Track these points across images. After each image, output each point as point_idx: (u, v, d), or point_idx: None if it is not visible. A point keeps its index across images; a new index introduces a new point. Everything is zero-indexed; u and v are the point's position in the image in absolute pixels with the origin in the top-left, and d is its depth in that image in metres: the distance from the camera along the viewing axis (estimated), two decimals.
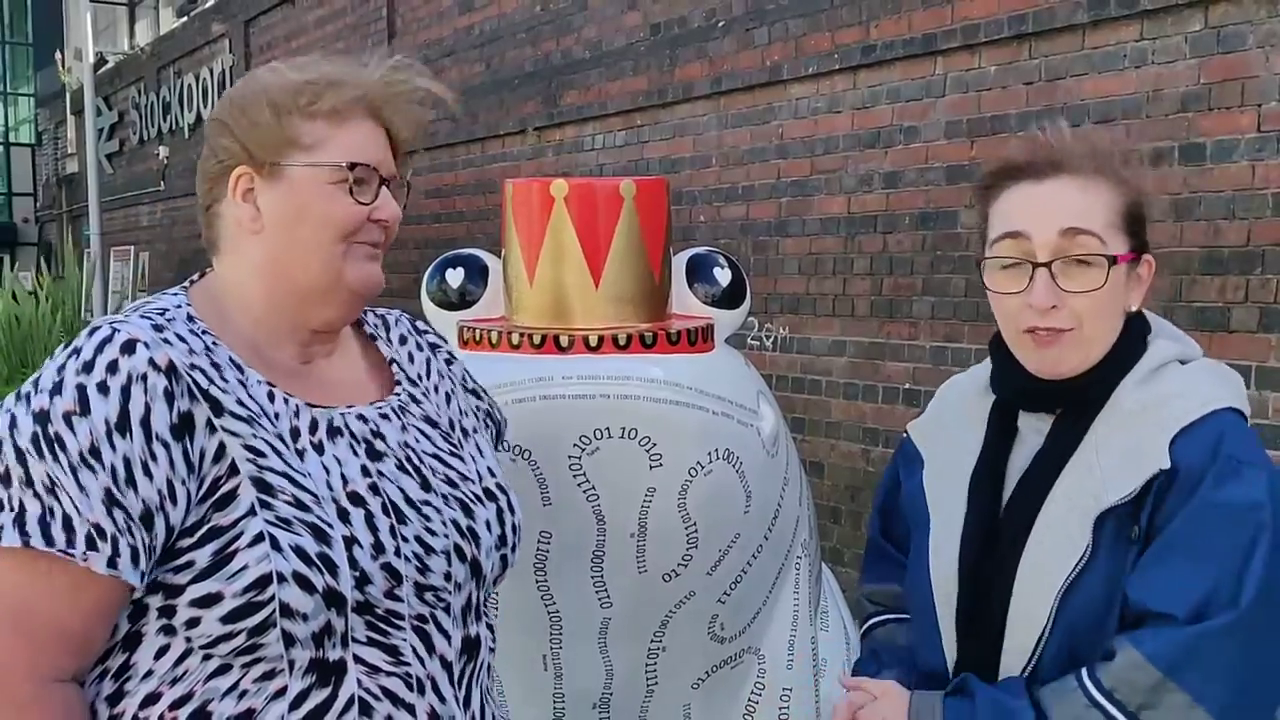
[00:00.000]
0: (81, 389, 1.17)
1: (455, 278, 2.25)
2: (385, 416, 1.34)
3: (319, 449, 1.27)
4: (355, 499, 1.26)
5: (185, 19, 13.93)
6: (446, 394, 1.47)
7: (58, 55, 17.53)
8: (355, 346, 1.45)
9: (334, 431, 1.29)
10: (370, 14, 9.21)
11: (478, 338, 2.11)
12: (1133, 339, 1.43)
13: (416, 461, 1.34)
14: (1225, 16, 3.66)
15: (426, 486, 1.32)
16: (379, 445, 1.31)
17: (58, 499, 1.15)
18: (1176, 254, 3.77)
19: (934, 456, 1.53)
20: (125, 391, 1.17)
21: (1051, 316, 1.38)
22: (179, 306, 1.29)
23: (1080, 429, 1.40)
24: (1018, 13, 4.26)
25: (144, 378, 1.18)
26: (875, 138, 4.91)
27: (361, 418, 1.32)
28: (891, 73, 4.82)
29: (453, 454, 1.39)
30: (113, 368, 1.18)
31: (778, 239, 5.42)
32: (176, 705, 1.19)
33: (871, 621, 1.66)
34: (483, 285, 2.24)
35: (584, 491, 1.99)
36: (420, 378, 1.46)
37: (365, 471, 1.28)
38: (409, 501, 1.30)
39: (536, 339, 2.02)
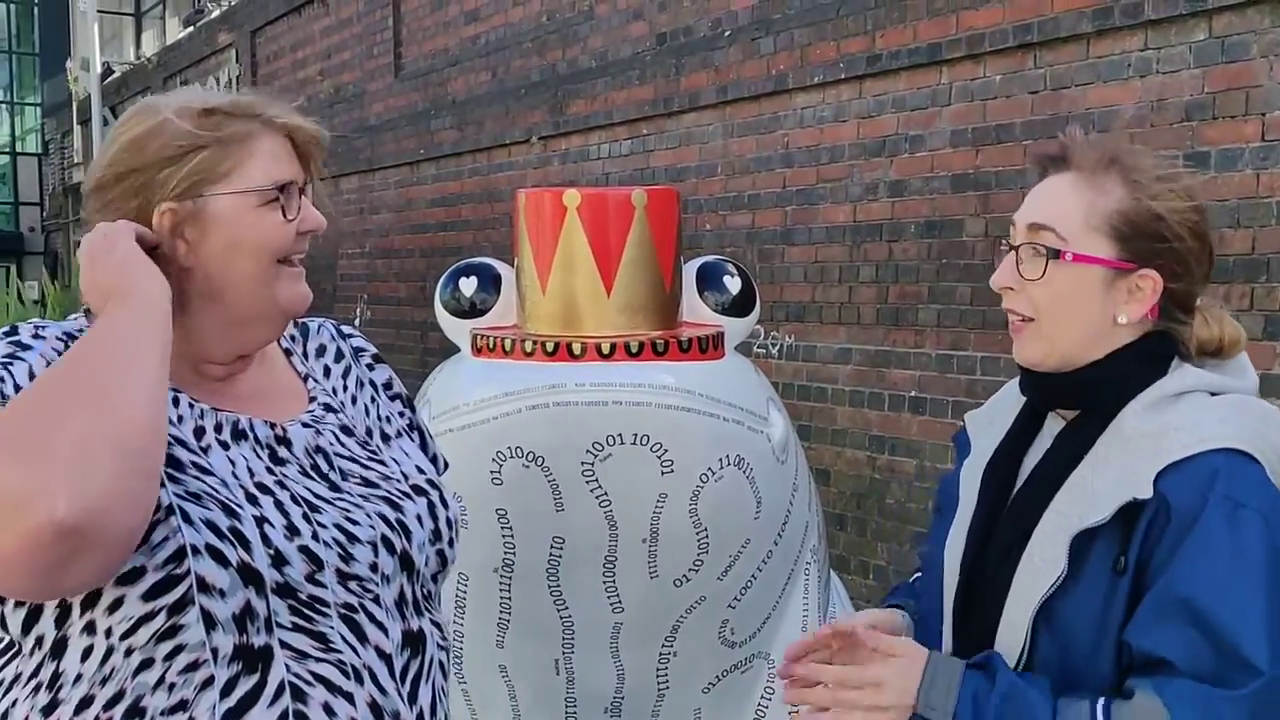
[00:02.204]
0: (15, 341, 1.22)
1: (468, 286, 2.27)
2: (288, 430, 1.34)
3: (224, 446, 1.27)
4: (262, 488, 1.26)
5: (192, 29, 13.99)
6: (365, 404, 1.45)
7: (67, 65, 17.60)
8: (278, 358, 1.44)
9: (238, 434, 1.29)
10: (376, 24, 9.25)
11: (491, 345, 2.13)
12: (1145, 355, 1.39)
13: (325, 467, 1.33)
14: (1229, 26, 3.69)
15: (336, 489, 1.32)
16: (282, 451, 1.31)
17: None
18: None
19: (977, 446, 1.55)
20: (54, 349, 1.22)
21: (1011, 299, 1.42)
22: (82, 330, 1.28)
23: (1084, 443, 1.39)
24: (1022, 22, 4.29)
25: (70, 337, 1.24)
26: (880, 146, 4.93)
27: (268, 423, 1.32)
28: (897, 82, 4.84)
29: (371, 458, 1.38)
30: (35, 335, 1.24)
31: (783, 247, 5.45)
32: (110, 705, 1.19)
33: (915, 577, 1.68)
34: (495, 293, 2.26)
35: (596, 497, 2.01)
36: (335, 390, 1.44)
37: (270, 471, 1.29)
38: (318, 498, 1.29)
39: (549, 346, 2.04)
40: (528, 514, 2.04)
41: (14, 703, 1.22)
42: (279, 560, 1.22)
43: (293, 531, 1.24)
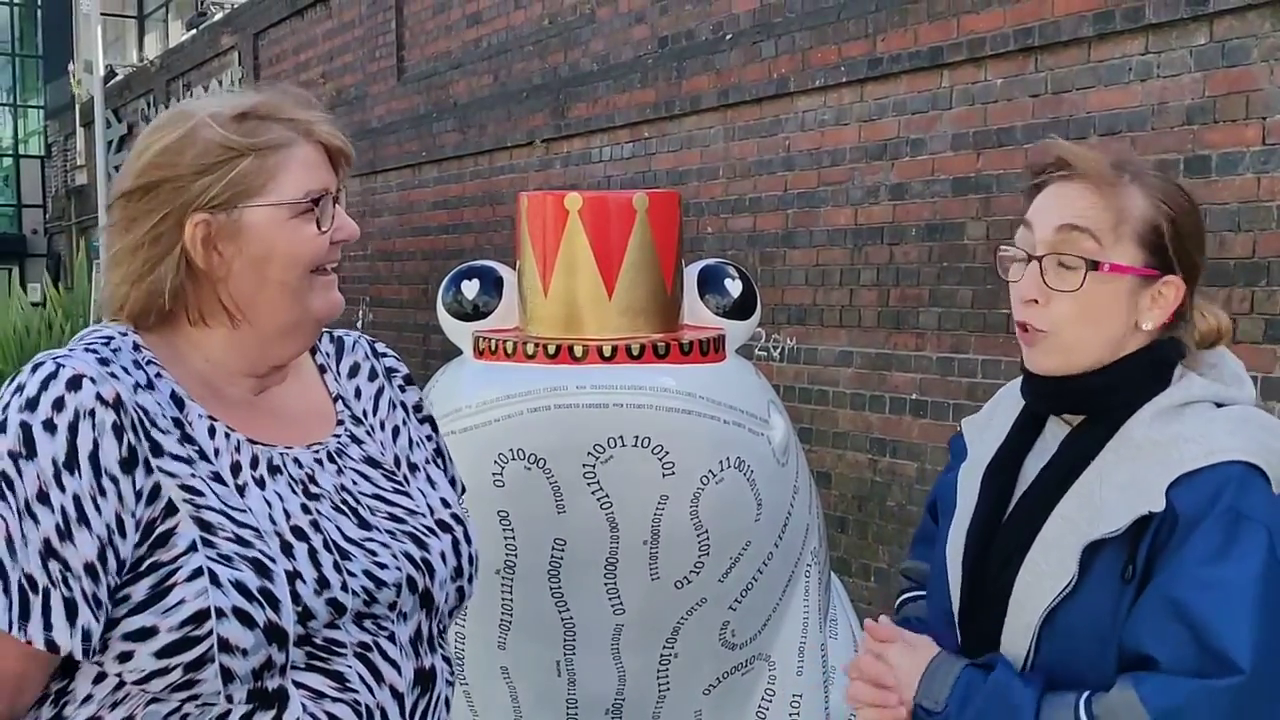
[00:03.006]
0: (26, 427, 1.16)
1: (471, 289, 2.28)
2: (319, 462, 1.33)
3: (260, 484, 1.26)
4: (298, 533, 1.25)
5: (194, 32, 14.01)
6: (395, 428, 1.43)
7: (69, 68, 17.61)
8: (311, 371, 1.43)
9: (274, 469, 1.28)
10: (379, 27, 9.26)
11: (493, 348, 2.14)
12: (1155, 362, 1.40)
13: (353, 503, 1.32)
14: (1230, 30, 3.69)
15: (365, 525, 1.31)
16: (313, 488, 1.30)
17: None
18: None
19: (974, 450, 1.55)
20: (72, 429, 1.16)
21: (1032, 311, 1.39)
22: (124, 334, 1.27)
23: (1091, 450, 1.40)
24: (1023, 26, 4.30)
25: (92, 414, 1.17)
26: (882, 150, 4.94)
27: (298, 461, 1.31)
28: (898, 85, 4.85)
29: (397, 491, 1.37)
30: (59, 405, 1.16)
31: (785, 250, 5.45)
32: None
33: (903, 597, 1.69)
34: (497, 296, 2.27)
35: (597, 499, 2.02)
36: (366, 414, 1.42)
37: (305, 509, 1.27)
38: (348, 539, 1.28)
39: (551, 349, 2.05)
40: (529, 516, 2.05)
41: None
42: (306, 616, 1.21)
43: (323, 584, 1.23)
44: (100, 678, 1.20)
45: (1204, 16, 3.73)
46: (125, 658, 1.17)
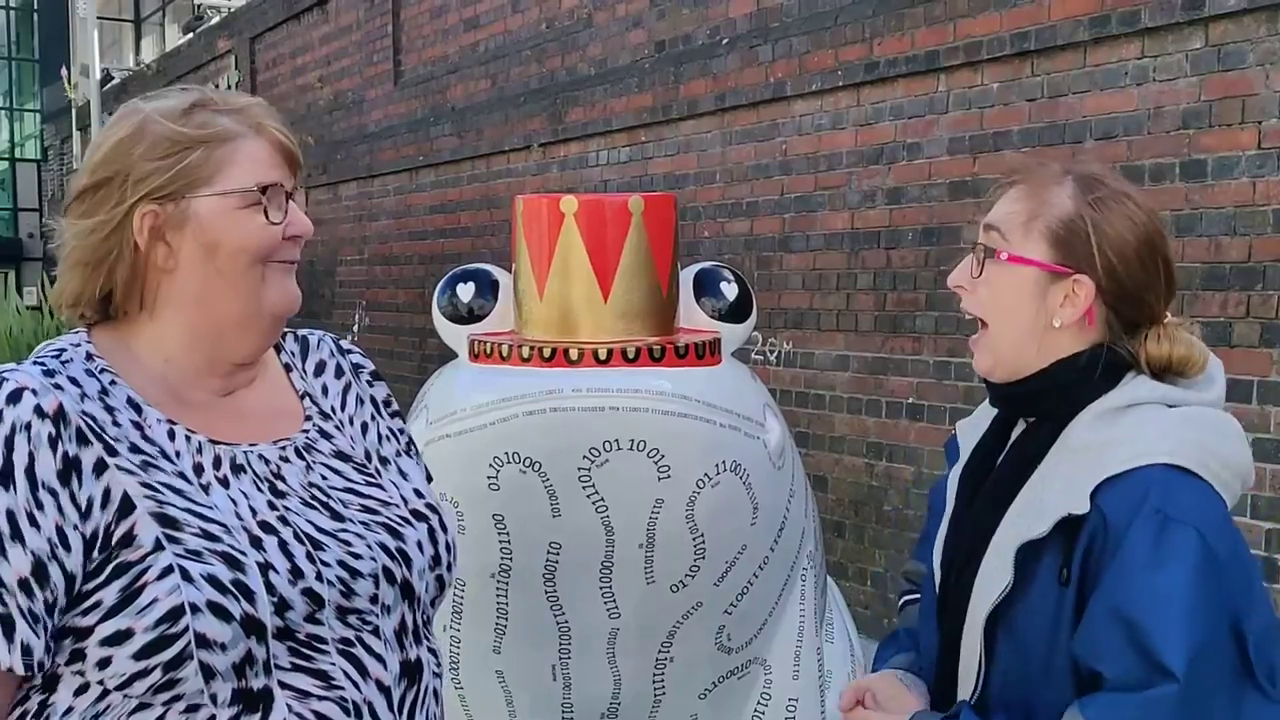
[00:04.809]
0: None
1: (466, 292, 2.27)
2: (286, 459, 1.32)
3: (224, 483, 1.26)
4: (266, 528, 1.24)
5: (191, 35, 14.01)
6: (364, 423, 1.43)
7: (64, 71, 17.61)
8: (276, 370, 1.42)
9: (237, 468, 1.28)
10: (376, 31, 9.26)
11: (488, 351, 2.13)
12: (1090, 367, 1.40)
13: (324, 497, 1.32)
14: (1225, 34, 3.70)
15: (339, 517, 1.31)
16: (280, 485, 1.30)
17: None
18: (1178, 269, 3.79)
19: (965, 451, 1.57)
20: (8, 443, 1.16)
21: (964, 299, 1.47)
22: (77, 345, 1.27)
23: (1037, 452, 1.42)
24: (1020, 30, 4.30)
25: (28, 426, 1.16)
26: (878, 154, 4.94)
27: (263, 458, 1.30)
28: (894, 89, 4.85)
29: (369, 484, 1.36)
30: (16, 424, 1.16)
31: (781, 254, 5.45)
32: None
33: (904, 600, 1.71)
34: (493, 299, 2.26)
35: (593, 503, 2.01)
36: (334, 410, 1.42)
37: (271, 505, 1.27)
38: (321, 531, 1.28)
39: (546, 352, 2.05)
40: (525, 519, 2.05)
41: None
42: (282, 606, 1.20)
43: (297, 574, 1.22)
44: (82, 689, 1.19)
45: (1200, 21, 3.74)
46: (104, 664, 1.17)
